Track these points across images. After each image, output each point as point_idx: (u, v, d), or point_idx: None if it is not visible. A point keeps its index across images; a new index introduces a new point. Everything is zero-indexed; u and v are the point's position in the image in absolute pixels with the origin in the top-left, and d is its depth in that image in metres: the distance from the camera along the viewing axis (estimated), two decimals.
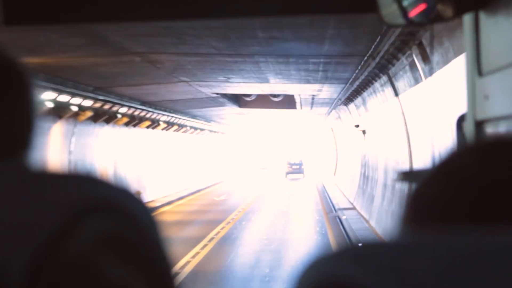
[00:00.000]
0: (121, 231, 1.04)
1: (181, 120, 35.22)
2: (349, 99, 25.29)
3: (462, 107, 2.47)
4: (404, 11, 2.31)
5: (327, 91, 24.07)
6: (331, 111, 34.69)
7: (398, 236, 0.84)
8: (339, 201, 30.70)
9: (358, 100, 23.76)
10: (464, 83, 2.30)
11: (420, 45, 12.04)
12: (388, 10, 2.37)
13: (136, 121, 27.41)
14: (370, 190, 23.89)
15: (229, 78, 20.04)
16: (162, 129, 33.11)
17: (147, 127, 29.96)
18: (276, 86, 22.39)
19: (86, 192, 1.04)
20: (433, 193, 0.88)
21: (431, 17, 2.28)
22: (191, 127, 39.81)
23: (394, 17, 2.37)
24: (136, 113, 26.74)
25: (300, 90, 23.92)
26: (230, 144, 62.47)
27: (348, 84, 21.15)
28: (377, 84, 19.26)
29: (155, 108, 28.17)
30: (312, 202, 32.62)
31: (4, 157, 1.14)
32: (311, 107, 32.50)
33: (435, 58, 11.35)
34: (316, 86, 22.29)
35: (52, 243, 0.98)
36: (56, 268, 0.98)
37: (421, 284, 0.73)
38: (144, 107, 26.41)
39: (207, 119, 41.89)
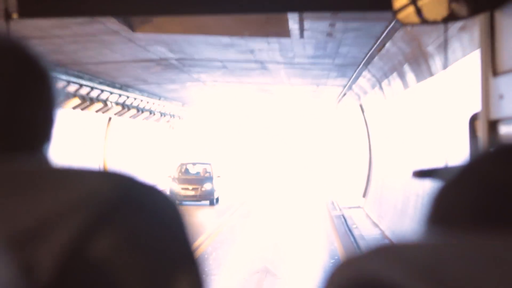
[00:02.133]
0: (145, 228, 1.04)
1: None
2: None
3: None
4: (419, 10, 2.56)
5: None
6: (373, 55, 14.73)
7: (426, 236, 0.86)
8: None
9: None
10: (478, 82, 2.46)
11: None
12: (403, 8, 2.60)
13: None
14: None
15: None
16: None
17: None
18: None
19: (113, 187, 1.04)
20: (461, 194, 0.87)
21: (445, 16, 2.48)
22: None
23: (408, 16, 2.60)
24: None
25: None
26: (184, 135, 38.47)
27: None
28: None
29: None
30: None
31: (26, 150, 1.13)
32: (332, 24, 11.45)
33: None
34: None
35: (81, 239, 0.98)
36: (84, 265, 0.98)
37: (453, 283, 0.74)
38: None
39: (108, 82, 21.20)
